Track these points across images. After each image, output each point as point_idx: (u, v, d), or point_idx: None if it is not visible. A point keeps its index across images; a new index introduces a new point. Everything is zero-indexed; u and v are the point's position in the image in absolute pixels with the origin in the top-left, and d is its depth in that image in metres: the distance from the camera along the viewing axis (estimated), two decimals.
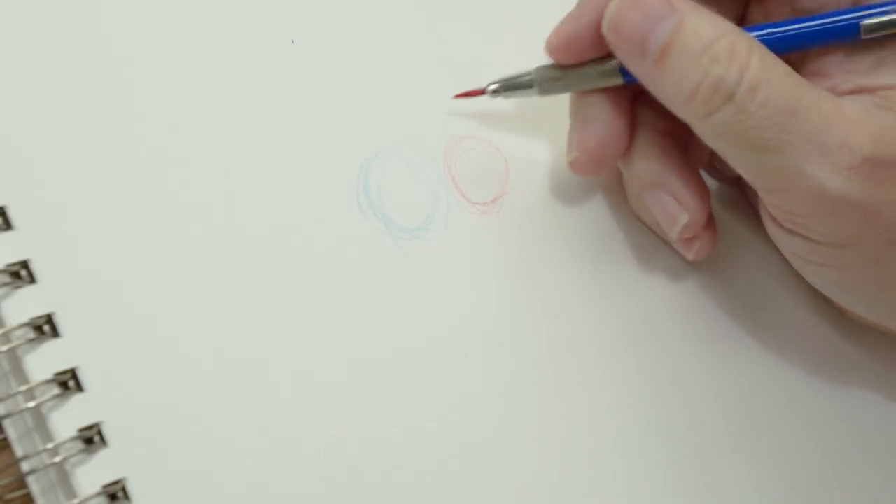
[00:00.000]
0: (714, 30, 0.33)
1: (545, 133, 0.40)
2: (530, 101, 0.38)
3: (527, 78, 0.37)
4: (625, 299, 0.39)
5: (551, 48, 0.37)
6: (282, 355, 0.35)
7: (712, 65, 0.33)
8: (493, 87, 0.38)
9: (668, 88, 0.34)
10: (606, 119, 0.37)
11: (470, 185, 0.39)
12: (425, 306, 0.37)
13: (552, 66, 0.37)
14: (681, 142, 0.37)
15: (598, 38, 0.35)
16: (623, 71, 0.36)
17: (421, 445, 0.35)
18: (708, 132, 0.34)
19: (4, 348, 0.33)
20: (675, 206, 0.37)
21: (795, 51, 0.35)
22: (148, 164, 0.36)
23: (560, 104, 0.38)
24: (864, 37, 0.34)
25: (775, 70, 0.33)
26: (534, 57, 0.37)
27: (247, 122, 0.37)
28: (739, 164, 0.34)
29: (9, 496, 0.33)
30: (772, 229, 0.36)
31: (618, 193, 0.40)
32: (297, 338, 0.35)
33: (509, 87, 0.38)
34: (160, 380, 0.34)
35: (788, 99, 0.32)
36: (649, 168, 0.37)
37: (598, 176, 0.39)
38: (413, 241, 0.37)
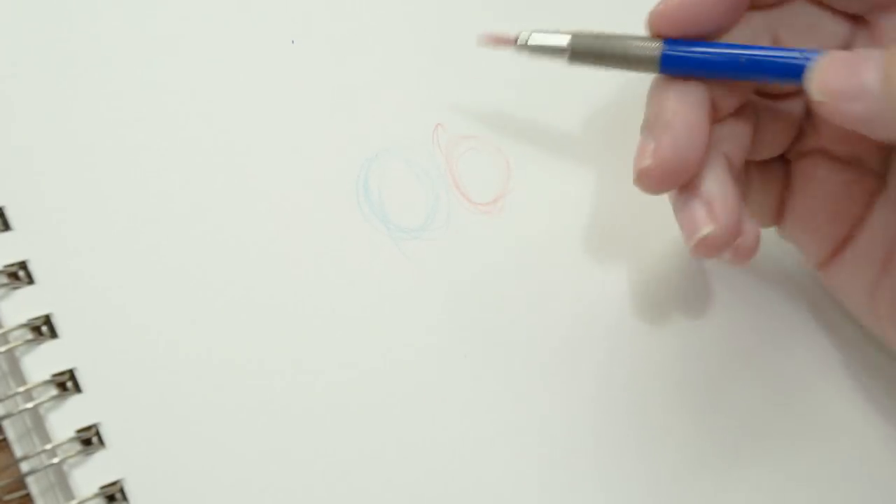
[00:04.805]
0: None
1: (547, 132, 0.40)
2: (531, 100, 0.38)
3: (561, 43, 0.35)
4: (627, 299, 0.39)
5: (663, 17, 0.34)
6: (281, 356, 0.35)
7: None
8: (524, 40, 0.35)
9: None
10: (687, 127, 0.34)
11: (471, 186, 0.39)
12: (425, 307, 0.37)
13: (589, 35, 0.34)
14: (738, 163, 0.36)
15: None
16: (663, 61, 0.34)
17: (421, 446, 0.35)
18: None
19: (3, 349, 0.33)
20: (703, 216, 0.34)
21: None
22: (147, 165, 0.36)
23: (562, 104, 0.38)
24: None
25: None
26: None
27: (247, 123, 0.37)
28: None
29: (8, 497, 0.33)
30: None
31: (620, 194, 0.39)
32: (297, 339, 0.35)
33: (539, 49, 0.35)
34: (158, 381, 0.34)
35: None
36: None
37: (663, 192, 0.35)
38: (413, 241, 0.37)
